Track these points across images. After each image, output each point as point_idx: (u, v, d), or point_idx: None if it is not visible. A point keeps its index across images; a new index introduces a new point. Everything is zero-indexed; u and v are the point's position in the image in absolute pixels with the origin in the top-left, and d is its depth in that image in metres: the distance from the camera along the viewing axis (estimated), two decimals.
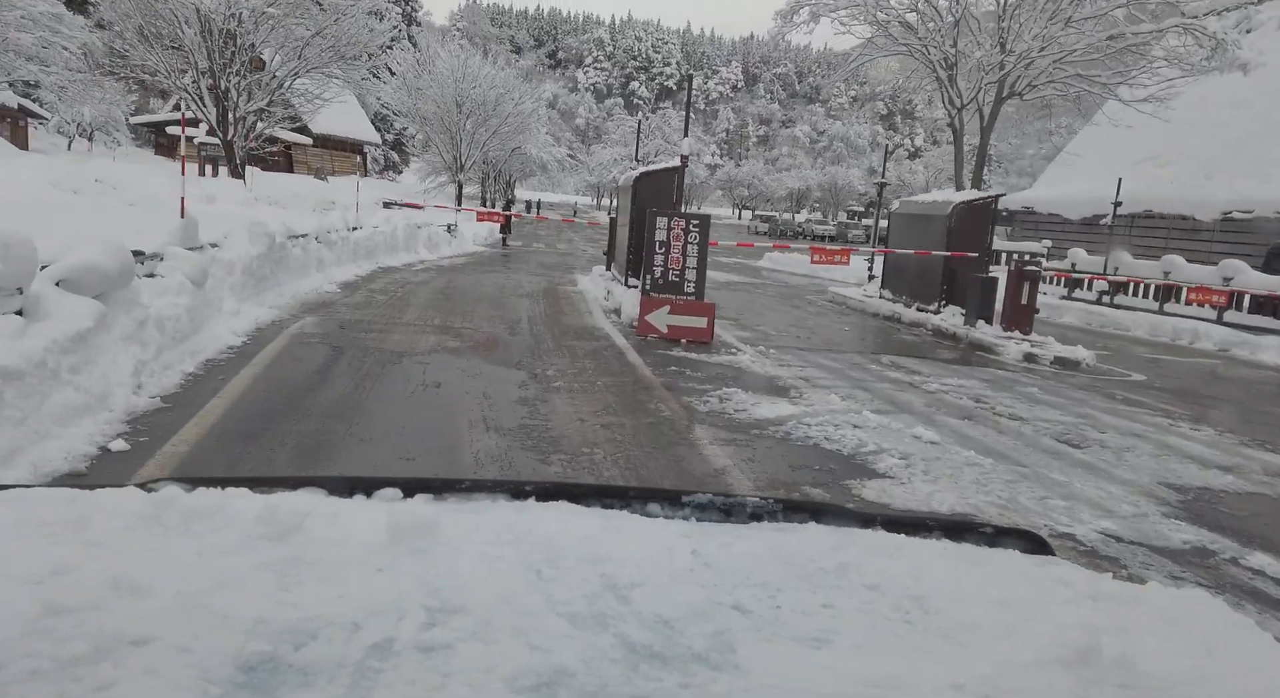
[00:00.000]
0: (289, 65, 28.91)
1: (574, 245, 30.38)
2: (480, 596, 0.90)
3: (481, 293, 13.40)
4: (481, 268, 18.35)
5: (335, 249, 13.97)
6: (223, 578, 0.89)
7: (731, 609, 0.95)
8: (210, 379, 6.13)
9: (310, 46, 28.62)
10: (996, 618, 0.99)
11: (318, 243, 13.20)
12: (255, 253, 9.41)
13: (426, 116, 42.70)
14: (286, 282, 10.85)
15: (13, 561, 0.89)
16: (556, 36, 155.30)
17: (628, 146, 50.64)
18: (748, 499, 1.34)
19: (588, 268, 19.94)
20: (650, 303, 9.83)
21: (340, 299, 11.25)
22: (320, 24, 28.67)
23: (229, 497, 1.13)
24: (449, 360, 7.60)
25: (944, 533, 1.30)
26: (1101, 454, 6.09)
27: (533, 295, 13.55)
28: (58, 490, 1.10)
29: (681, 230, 10.16)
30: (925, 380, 8.45)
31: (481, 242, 27.08)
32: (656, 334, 9.67)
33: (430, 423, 5.62)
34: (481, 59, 42.60)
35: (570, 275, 17.88)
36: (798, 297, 17.05)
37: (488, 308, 11.58)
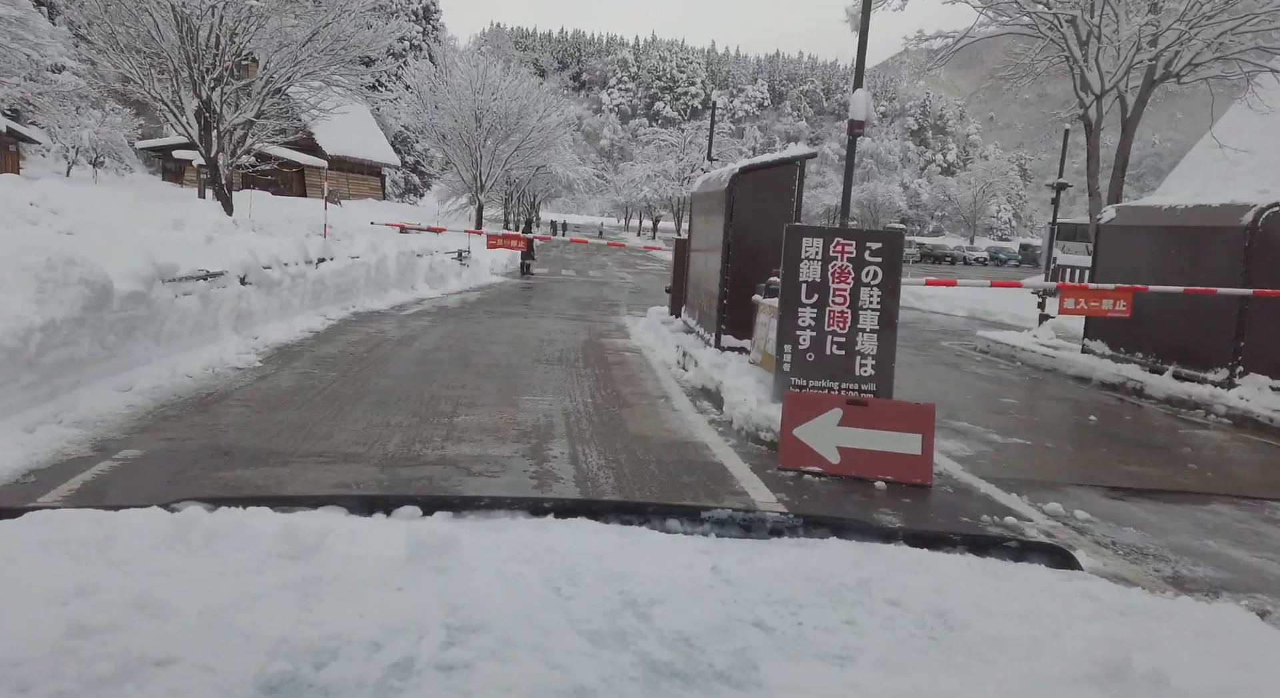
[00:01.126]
0: (280, 70, 24.57)
1: (608, 272, 25.69)
2: (500, 614, 0.89)
3: (489, 359, 8.67)
4: (496, 309, 13.66)
5: (279, 292, 9.34)
6: (245, 597, 0.88)
7: (753, 626, 0.93)
8: None
9: (304, 48, 24.28)
10: (1023, 634, 0.96)
11: (244, 286, 8.59)
12: (39, 322, 4.74)
13: (445, 133, 38.44)
14: (150, 357, 6.19)
15: (40, 581, 0.87)
16: (580, 58, 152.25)
17: (661, 162, 46.19)
18: (767, 514, 1.31)
19: (636, 306, 15.19)
20: (801, 405, 5.01)
21: (240, 387, 6.55)
22: (316, 23, 24.40)
23: (250, 516, 1.12)
24: None
25: (967, 547, 1.25)
26: None
27: (569, 361, 8.80)
28: (83, 511, 1.09)
29: (850, 263, 5.37)
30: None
31: (501, 270, 22.47)
32: (817, 468, 4.86)
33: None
34: (502, 70, 38.33)
35: (615, 318, 13.14)
36: (938, 347, 12.13)
37: (496, 395, 6.84)
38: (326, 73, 25.16)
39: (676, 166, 43.48)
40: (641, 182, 47.58)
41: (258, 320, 8.61)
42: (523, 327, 11.46)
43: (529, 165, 45.07)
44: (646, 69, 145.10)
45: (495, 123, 37.28)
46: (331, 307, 11.14)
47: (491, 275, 19.62)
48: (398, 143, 69.53)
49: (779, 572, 1.09)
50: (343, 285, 11.70)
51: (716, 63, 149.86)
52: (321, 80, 26.11)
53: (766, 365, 6.32)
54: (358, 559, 1.02)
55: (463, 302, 14.49)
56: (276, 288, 9.26)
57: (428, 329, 10.60)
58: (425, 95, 37.36)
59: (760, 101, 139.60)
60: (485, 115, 37.11)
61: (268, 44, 24.68)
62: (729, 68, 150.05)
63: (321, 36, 24.26)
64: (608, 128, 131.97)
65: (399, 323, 11.06)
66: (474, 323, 11.49)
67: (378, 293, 13.09)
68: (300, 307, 10.02)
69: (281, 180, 52.27)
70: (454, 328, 10.86)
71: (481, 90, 36.65)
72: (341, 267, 11.74)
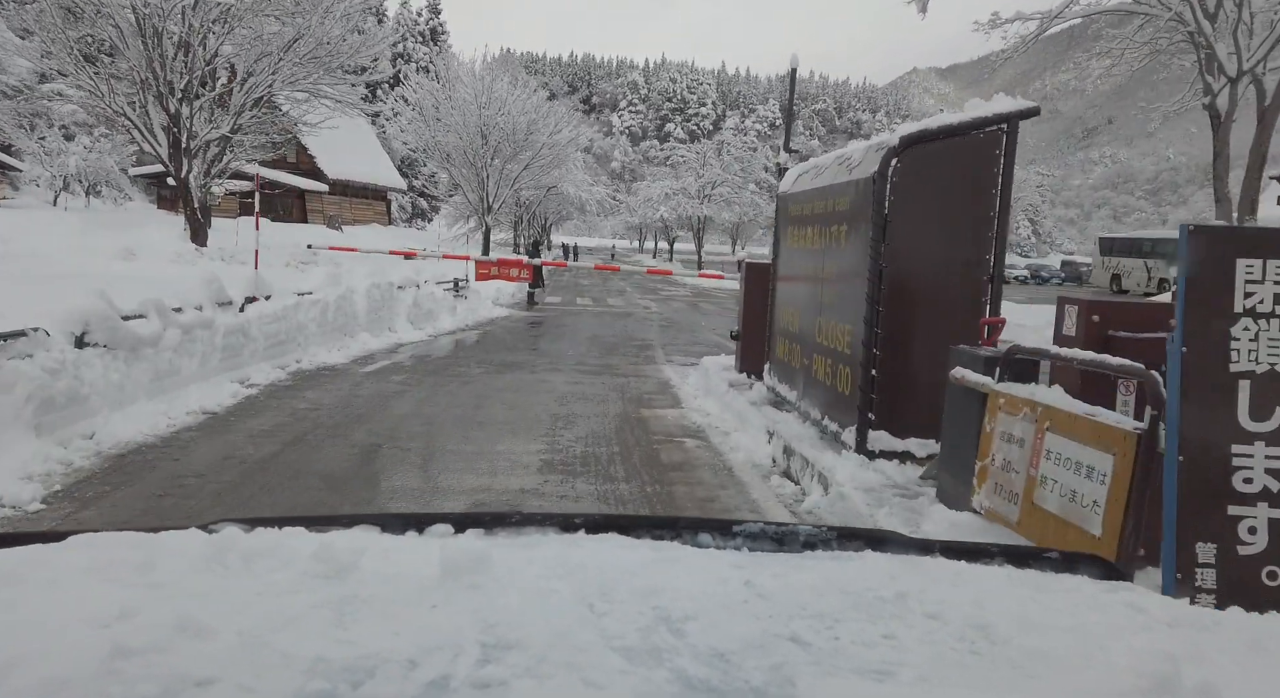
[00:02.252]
0: (259, 79, 21.50)
1: (630, 300, 22.37)
2: (534, 631, 0.88)
3: (469, 464, 5.32)
4: (494, 357, 10.33)
5: (152, 356, 6.04)
6: (282, 617, 0.88)
7: (789, 641, 0.90)
8: None
9: (285, 54, 21.23)
10: (1067, 647, 0.93)
11: (82, 348, 5.31)
12: None
13: (449, 153, 35.40)
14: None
15: (83, 604, 0.89)
16: (590, 81, 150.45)
17: (680, 179, 42.92)
18: (800, 528, 1.28)
19: (674, 348, 11.83)
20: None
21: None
22: (298, 26, 21.39)
23: (286, 536, 1.11)
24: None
25: (1006, 559, 1.22)
26: None
27: (599, 465, 5.42)
28: (124, 534, 1.09)
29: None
30: None
31: (506, 300, 19.18)
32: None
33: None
34: (509, 84, 35.31)
35: (653, 369, 9.78)
36: None
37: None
38: (310, 81, 22.07)
39: (697, 183, 40.21)
40: (658, 200, 44.34)
41: (101, 405, 5.29)
42: (528, 388, 8.11)
43: (539, 186, 42.02)
44: (657, 91, 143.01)
45: (503, 140, 34.21)
46: (261, 365, 7.83)
47: (494, 308, 16.32)
48: (405, 166, 66.90)
49: (814, 586, 1.04)
50: (281, 334, 8.40)
51: (727, 83, 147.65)
52: (306, 90, 23.07)
53: (1029, 530, 2.94)
54: (392, 578, 0.99)
55: (454, 347, 11.17)
56: (147, 349, 5.95)
57: (389, 399, 7.25)
58: (428, 111, 34.34)
59: (772, 121, 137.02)
60: (492, 132, 34.06)
61: (245, 51, 21.72)
62: (740, 88, 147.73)
63: (304, 41, 21.21)
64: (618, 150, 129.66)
65: (352, 388, 7.72)
66: (459, 384, 8.14)
67: (337, 340, 9.79)
68: (199, 372, 6.71)
69: (281, 206, 49.57)
70: (428, 395, 7.51)
71: (488, 105, 33.62)
72: (278, 309, 8.44)
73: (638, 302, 21.85)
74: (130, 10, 19.46)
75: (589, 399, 7.57)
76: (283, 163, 51.05)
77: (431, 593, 0.96)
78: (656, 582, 1.02)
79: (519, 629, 0.88)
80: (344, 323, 10.11)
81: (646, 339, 13.00)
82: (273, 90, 22.17)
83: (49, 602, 0.91)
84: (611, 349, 11.54)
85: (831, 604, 1.00)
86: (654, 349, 11.75)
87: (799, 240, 5.79)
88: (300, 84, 22.40)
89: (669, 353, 11.37)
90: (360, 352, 9.85)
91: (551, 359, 10.23)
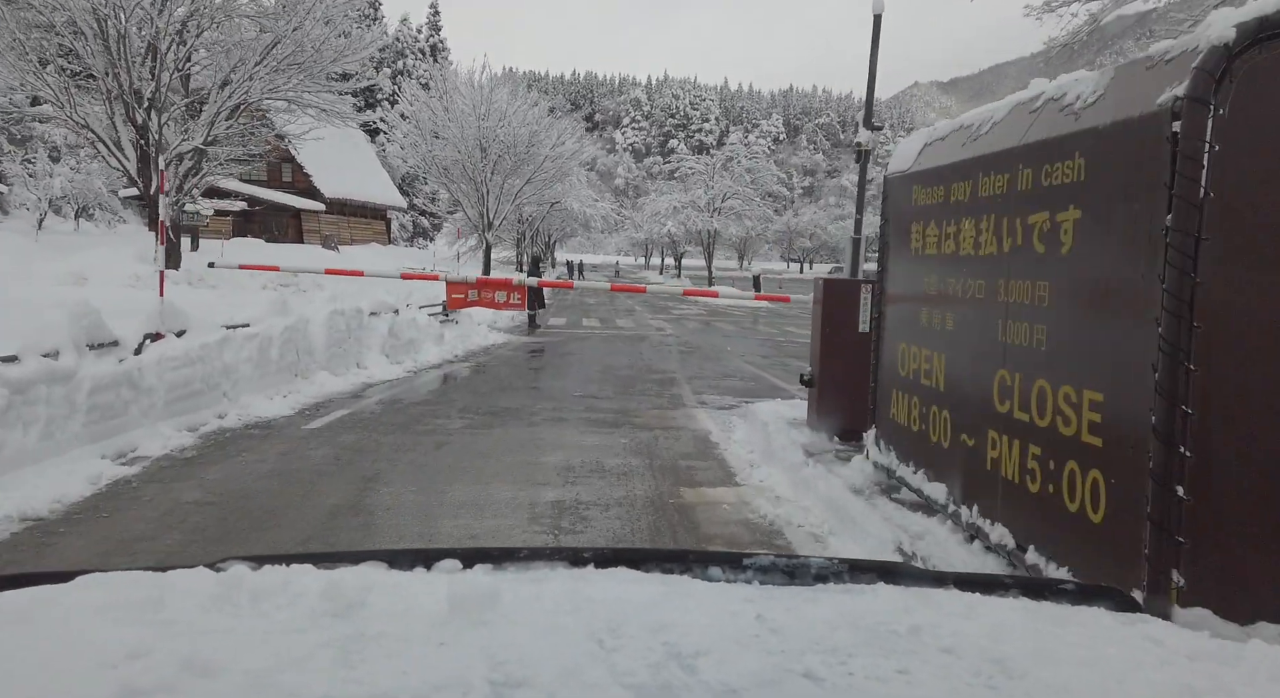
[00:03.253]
0: (235, 86, 19.53)
1: (640, 321, 20.23)
2: (543, 668, 0.87)
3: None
4: (483, 402, 8.19)
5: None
6: (290, 656, 0.87)
7: (802, 677, 0.88)
8: None
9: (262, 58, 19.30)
10: (1086, 681, 0.91)
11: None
12: None
13: (447, 167, 33.44)
14: None
15: (91, 645, 0.88)
16: (593, 99, 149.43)
17: (689, 192, 40.77)
18: (812, 560, 1.24)
19: (701, 382, 9.62)
20: None
21: None
22: (277, 29, 19.48)
23: (294, 573, 1.10)
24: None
25: (1021, 591, 1.20)
26: None
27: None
28: (133, 574, 1.07)
29: None
30: None
31: (504, 324, 17.07)
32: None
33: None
34: (510, 94, 33.36)
35: (683, 415, 7.58)
36: None
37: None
38: (290, 87, 20.09)
39: (706, 196, 38.10)
40: (666, 214, 42.20)
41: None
42: (522, 451, 5.94)
43: (542, 201, 40.03)
44: (659, 107, 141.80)
45: (503, 153, 32.22)
46: (158, 427, 5.69)
47: (489, 334, 14.18)
48: (405, 184, 65.14)
49: (827, 619, 1.02)
50: (196, 381, 6.27)
51: (730, 99, 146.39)
52: (287, 99, 21.12)
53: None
54: (400, 615, 0.98)
55: (436, 386, 9.03)
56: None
57: (323, 479, 5.08)
58: (424, 124, 32.40)
59: (775, 136, 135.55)
60: (491, 145, 32.08)
61: (219, 56, 19.83)
62: (743, 103, 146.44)
63: (283, 44, 19.26)
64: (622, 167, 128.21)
65: (280, 458, 5.56)
66: (430, 448, 5.97)
67: (284, 383, 7.66)
68: (41, 448, 4.57)
69: (276, 226, 47.69)
70: (382, 469, 5.33)
71: (487, 117, 31.65)
72: (192, 348, 6.29)
73: (649, 323, 19.72)
74: (90, 12, 17.51)
75: (605, 473, 5.39)
76: (278, 181, 49.31)
77: (440, 630, 0.95)
78: (667, 617, 1.00)
79: (528, 666, 0.87)
80: (294, 361, 7.99)
81: (667, 371, 10.84)
82: (249, 98, 20.18)
83: (57, 642, 0.90)
84: (627, 386, 9.37)
85: (844, 639, 0.98)
86: (679, 385, 9.59)
87: (943, 242, 3.63)
88: (281, 92, 20.42)
89: (698, 389, 9.20)
90: (313, 398, 7.71)
91: (554, 403, 8.07)
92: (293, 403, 7.37)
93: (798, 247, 78.95)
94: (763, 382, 10.04)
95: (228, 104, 19.81)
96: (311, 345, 8.37)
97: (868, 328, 5.01)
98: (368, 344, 9.77)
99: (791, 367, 11.61)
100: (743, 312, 26.30)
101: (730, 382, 9.96)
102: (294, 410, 7.17)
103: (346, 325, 9.20)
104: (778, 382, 10.03)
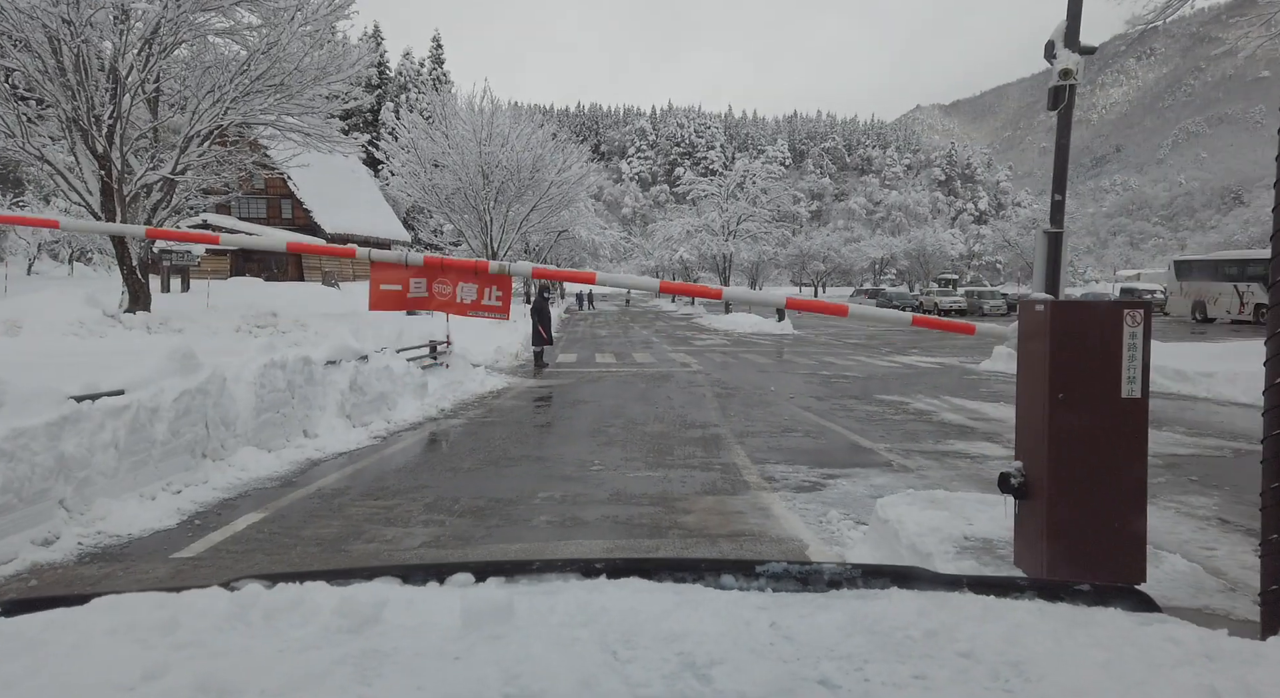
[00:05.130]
0: (206, 108, 17.47)
1: (659, 354, 17.85)
2: (558, 681, 0.85)
3: None
4: (461, 494, 5.81)
5: None
6: (305, 675, 0.86)
7: (818, 684, 0.86)
8: None
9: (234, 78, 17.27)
10: (1105, 683, 0.89)
11: None
12: None
13: (448, 197, 31.40)
14: None
15: (107, 667, 0.87)
16: (598, 130, 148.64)
17: (702, 215, 38.51)
18: (824, 566, 1.23)
19: (769, 446, 7.04)
20: None
21: None
22: (250, 45, 17.50)
23: (308, 591, 1.09)
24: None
25: (1037, 594, 1.17)
26: None
27: None
28: (148, 595, 1.06)
29: None
30: None
31: (506, 362, 14.75)
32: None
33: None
34: (511, 118, 31.39)
35: (760, 522, 5.12)
36: None
37: None
38: (266, 110, 18.00)
39: (721, 218, 35.86)
40: (678, 239, 39.93)
41: None
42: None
43: (549, 229, 37.98)
44: (665, 136, 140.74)
45: (506, 179, 30.20)
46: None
47: (487, 377, 11.83)
48: (410, 217, 63.43)
49: (841, 626, 1.00)
50: (14, 486, 3.94)
51: (735, 126, 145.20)
52: (266, 122, 19.05)
53: None
54: (414, 630, 0.97)
55: (404, 464, 6.64)
56: None
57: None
58: (423, 151, 30.42)
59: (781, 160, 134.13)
60: (494, 171, 30.07)
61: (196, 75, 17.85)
62: (747, 130, 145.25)
63: (257, 61, 17.22)
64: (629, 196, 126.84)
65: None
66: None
67: (176, 472, 5.32)
68: None
69: (276, 264, 45.78)
70: None
71: (488, 141, 29.67)
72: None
73: (670, 356, 17.34)
74: (41, 27, 15.49)
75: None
76: (277, 218, 47.53)
77: (454, 644, 0.94)
78: (680, 626, 0.98)
79: (542, 679, 0.85)
80: (200, 438, 5.65)
81: (708, 424, 8.44)
82: (223, 122, 18.11)
83: (74, 666, 0.89)
84: (661, 450, 6.97)
85: (859, 645, 0.96)
86: (729, 446, 7.18)
87: None
88: (255, 114, 18.33)
89: (757, 453, 6.78)
90: (221, 491, 5.36)
91: (565, 488, 5.68)
92: (183, 504, 5.02)
93: (811, 270, 76.59)
94: (834, 438, 7.64)
95: (198, 129, 17.75)
96: (229, 414, 6.04)
97: (1136, 390, 2.64)
98: (321, 404, 7.44)
99: (858, 412, 9.19)
100: (767, 339, 23.92)
101: (794, 439, 7.56)
102: (181, 518, 4.81)
103: (288, 383, 6.87)
104: (854, 436, 7.63)
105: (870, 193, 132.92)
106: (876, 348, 19.68)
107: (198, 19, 16.60)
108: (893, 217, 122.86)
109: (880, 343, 21.52)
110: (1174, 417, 8.90)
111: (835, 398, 10.50)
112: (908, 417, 8.89)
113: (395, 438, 7.64)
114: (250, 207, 47.77)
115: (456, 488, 5.69)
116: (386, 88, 68.33)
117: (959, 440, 7.46)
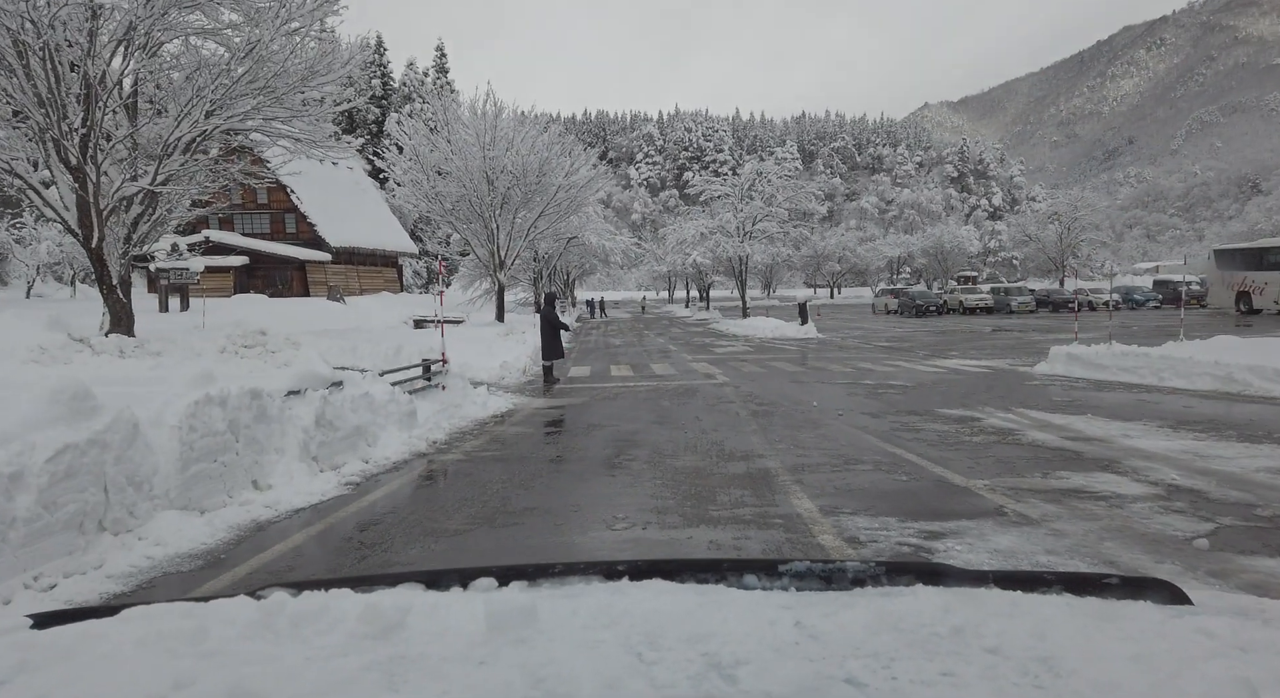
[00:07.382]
0: (185, 115, 16.20)
1: (679, 364, 16.36)
2: (583, 684, 0.84)
3: None
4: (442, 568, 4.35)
5: None
6: (332, 681, 0.86)
7: (844, 683, 0.85)
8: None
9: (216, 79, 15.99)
10: (1137, 677, 0.86)
11: None
12: None
13: (453, 205, 30.10)
14: None
15: (137, 678, 0.87)
16: (606, 137, 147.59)
17: (716, 217, 37.08)
18: (848, 564, 1.21)
19: (839, 488, 5.46)
20: None
21: None
22: (231, 46, 16.24)
23: (333, 598, 1.09)
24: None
25: (1064, 587, 1.14)
26: None
27: None
28: (175, 605, 1.07)
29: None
30: None
31: (513, 380, 13.31)
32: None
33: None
34: (515, 120, 30.08)
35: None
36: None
37: None
38: (248, 114, 16.70)
39: (736, 219, 34.36)
40: (691, 243, 38.45)
41: None
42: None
43: (558, 236, 36.65)
44: (672, 141, 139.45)
45: (512, 184, 28.88)
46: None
47: (490, 398, 10.38)
48: (417, 228, 62.32)
49: (866, 624, 0.99)
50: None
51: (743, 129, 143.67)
52: (250, 128, 17.77)
53: None
54: (439, 635, 0.97)
55: (379, 515, 5.19)
56: None
57: None
58: (424, 157, 29.14)
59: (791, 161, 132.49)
60: (499, 176, 28.77)
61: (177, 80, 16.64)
62: (756, 132, 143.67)
63: (239, 61, 15.94)
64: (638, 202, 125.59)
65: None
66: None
67: (55, 557, 3.90)
68: None
69: (280, 279, 44.65)
70: None
71: (492, 145, 28.37)
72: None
73: (691, 366, 15.85)
74: (4, 29, 14.25)
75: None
76: (281, 233, 46.43)
77: (479, 649, 0.93)
78: (704, 627, 0.98)
79: (568, 682, 0.84)
80: (95, 506, 4.23)
81: (751, 454, 6.94)
82: (206, 129, 16.82)
83: (104, 677, 0.89)
84: (701, 499, 5.47)
85: (886, 643, 0.94)
86: (785, 489, 5.67)
87: None
88: (238, 119, 17.02)
89: (830, 506, 5.25)
90: (112, 582, 3.94)
91: (579, 559, 4.24)
92: (57, 606, 3.59)
93: (826, 271, 74.87)
94: (912, 471, 6.13)
95: (179, 136, 16.48)
96: (142, 470, 4.61)
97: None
98: (278, 446, 6.00)
99: (926, 433, 7.67)
100: (792, 344, 22.41)
101: (862, 474, 6.05)
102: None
103: (230, 423, 5.44)
104: (938, 469, 6.11)
105: (882, 191, 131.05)
106: (911, 351, 18.11)
107: (173, 18, 15.33)
108: (906, 215, 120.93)
109: (913, 345, 19.95)
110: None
111: (892, 414, 8.98)
112: (989, 438, 7.37)
113: (372, 484, 6.21)
114: (254, 222, 46.71)
115: (436, 561, 4.25)
116: (391, 99, 67.35)
117: (1071, 472, 5.94)
